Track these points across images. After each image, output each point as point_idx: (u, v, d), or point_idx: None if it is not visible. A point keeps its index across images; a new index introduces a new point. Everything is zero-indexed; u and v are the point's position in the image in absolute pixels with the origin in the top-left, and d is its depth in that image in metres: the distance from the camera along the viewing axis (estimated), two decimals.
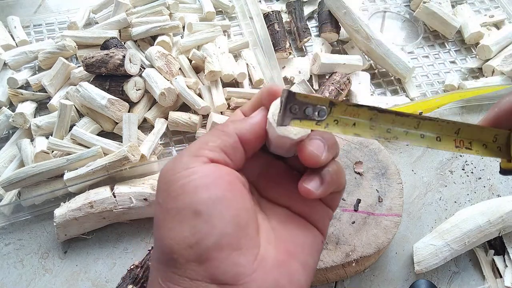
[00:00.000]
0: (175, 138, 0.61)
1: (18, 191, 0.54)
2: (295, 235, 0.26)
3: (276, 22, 0.70)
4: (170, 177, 0.24)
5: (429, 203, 0.56)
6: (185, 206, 0.22)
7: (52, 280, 0.50)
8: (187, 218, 0.22)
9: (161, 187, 0.24)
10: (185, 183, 0.23)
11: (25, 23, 0.73)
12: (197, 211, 0.22)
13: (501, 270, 0.50)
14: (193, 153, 0.24)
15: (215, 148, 0.25)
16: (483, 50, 0.68)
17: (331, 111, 0.25)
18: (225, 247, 0.22)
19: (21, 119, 0.58)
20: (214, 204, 0.22)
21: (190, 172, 0.23)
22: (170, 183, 0.23)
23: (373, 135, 0.25)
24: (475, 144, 0.28)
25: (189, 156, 0.24)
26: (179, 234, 0.22)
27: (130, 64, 0.58)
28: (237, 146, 0.26)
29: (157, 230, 0.24)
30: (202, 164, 0.24)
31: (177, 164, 0.24)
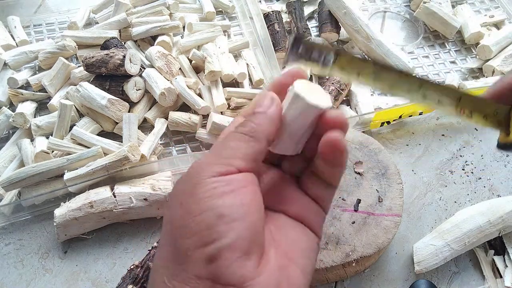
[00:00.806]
0: (175, 138, 0.61)
1: (18, 191, 0.54)
2: (292, 239, 0.26)
3: (276, 22, 0.70)
4: (197, 182, 0.24)
5: (429, 203, 0.56)
6: (209, 208, 0.23)
7: (52, 280, 0.50)
8: (208, 220, 0.23)
9: (186, 189, 0.25)
10: (211, 188, 0.24)
11: (25, 23, 0.73)
12: (221, 215, 0.23)
13: (501, 270, 0.50)
14: (224, 161, 0.25)
15: (248, 157, 0.25)
16: (483, 50, 0.68)
17: (337, 59, 0.25)
18: (237, 249, 0.23)
19: (21, 119, 0.58)
20: (238, 209, 0.23)
21: (217, 180, 0.24)
22: (197, 186, 0.24)
23: (376, 87, 0.26)
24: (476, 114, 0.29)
25: (219, 164, 0.25)
26: (197, 233, 0.23)
27: (130, 64, 0.58)
28: (265, 149, 0.26)
29: (172, 229, 0.24)
30: (230, 173, 0.24)
31: (206, 170, 0.24)
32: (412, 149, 0.61)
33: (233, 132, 0.26)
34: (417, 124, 0.64)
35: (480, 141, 0.62)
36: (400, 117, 0.61)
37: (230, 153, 0.25)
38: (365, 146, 0.52)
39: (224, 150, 0.26)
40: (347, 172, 0.50)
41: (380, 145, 0.53)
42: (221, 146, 0.26)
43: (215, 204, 0.23)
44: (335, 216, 0.47)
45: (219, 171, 0.24)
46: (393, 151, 0.61)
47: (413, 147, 0.61)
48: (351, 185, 0.49)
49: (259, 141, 0.26)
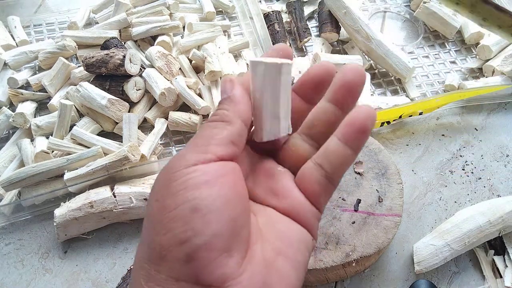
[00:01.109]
0: (175, 138, 0.61)
1: (18, 191, 0.54)
2: (283, 232, 0.25)
3: (276, 22, 0.70)
4: (171, 175, 0.22)
5: (429, 203, 0.56)
6: (184, 201, 0.21)
7: (52, 280, 0.50)
8: (183, 214, 0.21)
9: (160, 184, 0.23)
10: (186, 179, 0.22)
11: (25, 23, 0.73)
12: (195, 208, 0.21)
13: (501, 270, 0.50)
14: (198, 149, 0.23)
15: (223, 141, 0.24)
16: (483, 50, 0.68)
17: None
18: (216, 248, 0.21)
19: (21, 119, 0.58)
20: (215, 201, 0.21)
21: (193, 170, 0.22)
22: (171, 180, 0.22)
23: (470, 18, 0.26)
24: None
25: (193, 153, 0.23)
26: (172, 230, 0.21)
27: (130, 64, 0.58)
28: (243, 131, 0.25)
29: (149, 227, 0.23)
30: (207, 161, 0.23)
31: (180, 162, 0.23)
32: (412, 149, 0.61)
33: (206, 123, 0.25)
34: (417, 124, 0.64)
35: (480, 141, 0.62)
36: (400, 117, 0.61)
37: (204, 140, 0.24)
38: (365, 146, 0.52)
39: (198, 139, 0.24)
40: (347, 172, 0.50)
41: (380, 145, 0.53)
42: (195, 138, 0.25)
43: (190, 196, 0.21)
44: (335, 216, 0.47)
45: (195, 160, 0.23)
46: (393, 151, 0.61)
47: (413, 147, 0.61)
48: (351, 185, 0.49)
49: (232, 123, 0.24)
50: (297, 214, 0.25)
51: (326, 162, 0.25)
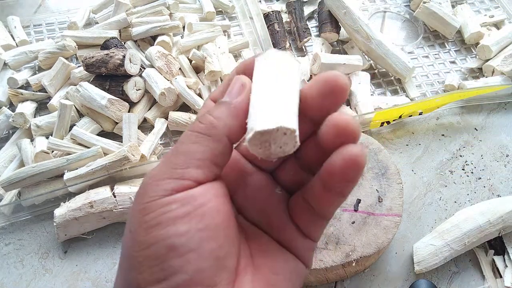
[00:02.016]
0: (175, 138, 0.61)
1: (18, 191, 0.54)
2: (275, 262, 0.22)
3: (276, 22, 0.70)
4: (145, 205, 0.20)
5: (429, 203, 0.56)
6: (158, 240, 0.19)
7: (52, 280, 0.50)
8: (159, 253, 0.19)
9: (133, 213, 0.20)
10: (160, 213, 0.19)
11: (25, 23, 0.73)
12: (172, 246, 0.19)
13: (501, 270, 0.50)
14: (177, 173, 0.20)
15: (204, 163, 0.21)
16: (483, 50, 0.68)
17: None
18: (198, 283, 0.19)
19: (21, 119, 0.58)
20: (193, 237, 0.19)
21: (167, 202, 0.20)
22: (143, 211, 0.20)
23: None
24: None
25: (169, 179, 0.20)
26: (148, 268, 0.19)
27: (130, 64, 0.58)
28: (228, 150, 0.22)
29: (124, 258, 0.21)
30: (185, 188, 0.20)
31: (155, 188, 0.20)
32: (412, 149, 0.61)
33: (188, 132, 0.21)
34: (417, 124, 0.64)
35: (480, 141, 0.62)
36: (400, 117, 0.61)
37: (183, 160, 0.20)
38: (365, 146, 0.52)
39: (175, 157, 0.21)
40: None
41: (380, 145, 0.53)
42: (172, 152, 0.21)
43: (165, 234, 0.19)
44: (335, 216, 0.47)
45: (171, 188, 0.20)
46: (393, 151, 0.61)
47: (413, 147, 0.61)
48: None
49: (218, 141, 0.21)
50: (291, 247, 0.23)
51: (313, 202, 0.22)
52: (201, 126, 0.21)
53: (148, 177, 0.21)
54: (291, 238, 0.23)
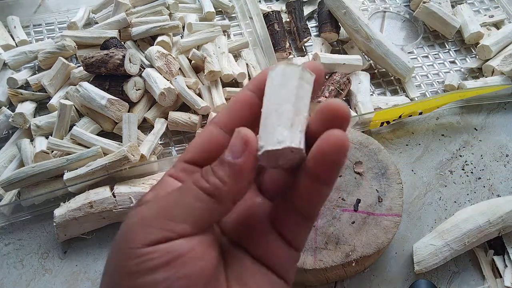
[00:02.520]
0: (175, 138, 0.61)
1: (18, 191, 0.54)
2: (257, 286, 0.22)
3: (276, 22, 0.70)
4: (126, 250, 0.20)
5: (429, 203, 0.56)
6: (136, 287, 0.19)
7: (52, 280, 0.50)
8: None
9: (116, 255, 0.20)
10: (141, 262, 0.19)
11: (25, 23, 0.73)
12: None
13: (501, 270, 0.50)
14: (169, 225, 0.20)
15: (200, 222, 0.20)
16: (483, 50, 0.68)
17: None
18: None
19: (21, 119, 0.58)
20: (171, 285, 0.19)
21: (151, 250, 0.19)
22: (124, 257, 0.20)
23: None
24: None
25: (157, 229, 0.20)
26: None
27: (130, 64, 0.58)
28: (229, 210, 0.21)
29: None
30: (170, 239, 0.20)
31: (139, 236, 0.20)
32: (412, 149, 0.61)
33: (192, 186, 0.21)
34: (417, 124, 0.64)
35: (480, 141, 0.62)
36: (400, 117, 0.61)
37: (181, 214, 0.20)
38: (365, 146, 0.52)
39: (174, 208, 0.20)
40: (347, 172, 0.50)
41: (380, 145, 0.53)
42: (172, 200, 0.21)
43: (144, 281, 0.19)
44: (335, 216, 0.47)
45: (158, 239, 0.19)
46: (393, 151, 0.61)
47: (413, 147, 0.61)
48: (351, 185, 0.49)
49: (221, 203, 0.20)
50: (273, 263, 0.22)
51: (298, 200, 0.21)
52: (206, 186, 0.21)
53: (137, 217, 0.20)
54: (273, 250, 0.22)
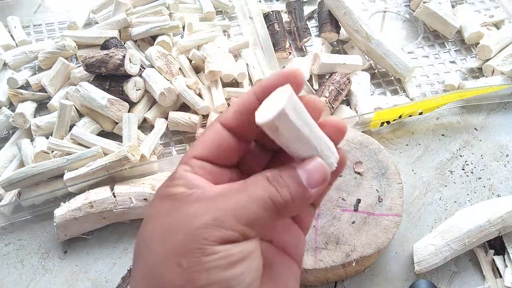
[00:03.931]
0: (175, 138, 0.61)
1: (18, 191, 0.54)
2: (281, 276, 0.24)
3: (276, 22, 0.70)
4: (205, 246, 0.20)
5: (429, 203, 0.56)
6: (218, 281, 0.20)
7: (52, 280, 0.50)
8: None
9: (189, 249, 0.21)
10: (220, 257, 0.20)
11: (25, 23, 0.73)
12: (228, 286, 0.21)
13: (501, 270, 0.50)
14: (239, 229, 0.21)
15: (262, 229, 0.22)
16: (483, 50, 0.68)
17: None
18: None
19: (21, 119, 0.58)
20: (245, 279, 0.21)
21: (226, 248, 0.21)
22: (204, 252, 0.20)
23: None
24: None
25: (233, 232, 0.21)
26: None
27: (130, 64, 0.58)
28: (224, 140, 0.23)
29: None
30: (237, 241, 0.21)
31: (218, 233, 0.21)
32: (412, 149, 0.61)
33: (266, 196, 0.21)
34: (417, 124, 0.64)
35: (480, 141, 0.62)
36: (400, 117, 0.61)
37: (249, 221, 0.21)
38: (365, 146, 0.52)
39: (244, 210, 0.21)
40: (347, 172, 0.50)
41: (380, 145, 0.53)
42: (241, 202, 0.21)
43: (223, 276, 0.20)
44: (335, 216, 0.47)
45: (226, 238, 0.21)
46: (393, 151, 0.61)
47: (413, 147, 0.61)
48: (351, 185, 0.49)
49: (282, 217, 0.22)
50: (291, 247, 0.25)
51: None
52: (279, 200, 0.21)
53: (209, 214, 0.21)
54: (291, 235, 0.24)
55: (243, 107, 0.23)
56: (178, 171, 0.24)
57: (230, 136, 0.24)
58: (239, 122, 0.24)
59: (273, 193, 0.21)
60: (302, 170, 0.22)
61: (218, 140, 0.24)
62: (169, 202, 0.22)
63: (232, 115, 0.24)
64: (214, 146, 0.24)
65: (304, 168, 0.22)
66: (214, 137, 0.24)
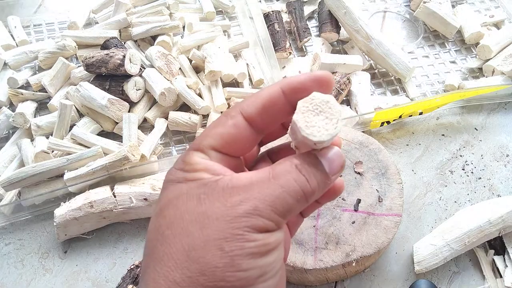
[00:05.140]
0: (175, 138, 0.61)
1: (18, 191, 0.54)
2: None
3: (276, 22, 0.70)
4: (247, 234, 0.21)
5: (429, 203, 0.56)
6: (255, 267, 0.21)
7: (52, 280, 0.50)
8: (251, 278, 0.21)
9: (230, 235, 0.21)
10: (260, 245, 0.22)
11: (25, 23, 0.73)
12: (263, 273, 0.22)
13: (501, 270, 0.50)
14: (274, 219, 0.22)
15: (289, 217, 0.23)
16: (483, 50, 0.68)
17: None
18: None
19: (21, 119, 0.58)
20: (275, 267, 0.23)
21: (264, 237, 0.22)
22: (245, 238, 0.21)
23: None
24: None
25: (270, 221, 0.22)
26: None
27: (130, 64, 0.58)
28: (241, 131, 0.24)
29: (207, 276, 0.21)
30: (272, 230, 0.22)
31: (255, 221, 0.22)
32: (412, 149, 0.61)
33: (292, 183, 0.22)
34: (417, 124, 0.64)
35: (480, 141, 0.62)
36: (400, 117, 0.61)
37: (282, 210, 0.22)
38: (365, 146, 0.52)
39: (278, 200, 0.22)
40: (347, 172, 0.50)
41: (380, 145, 0.53)
42: (275, 191, 0.22)
43: (261, 262, 0.21)
44: (335, 216, 0.47)
45: (265, 227, 0.22)
46: (393, 151, 0.61)
47: (413, 147, 0.61)
48: (351, 185, 0.49)
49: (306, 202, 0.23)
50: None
51: None
52: (308, 189, 0.22)
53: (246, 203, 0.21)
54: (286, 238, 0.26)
55: (269, 104, 0.24)
56: (193, 158, 0.23)
57: (251, 130, 0.24)
58: (264, 118, 0.24)
59: (303, 183, 0.22)
60: (324, 159, 0.23)
61: (239, 135, 0.24)
62: (195, 186, 0.23)
63: (258, 111, 0.24)
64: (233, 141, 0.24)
65: (325, 156, 0.23)
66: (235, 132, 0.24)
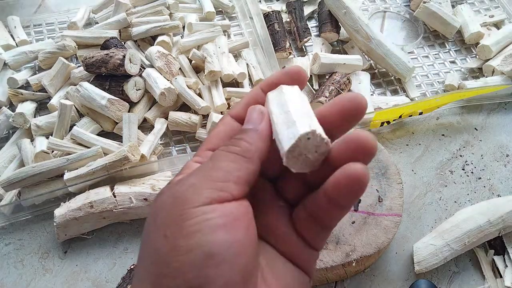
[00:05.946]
0: (175, 138, 0.61)
1: (18, 191, 0.54)
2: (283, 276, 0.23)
3: (276, 22, 0.70)
4: (185, 210, 0.21)
5: (429, 203, 0.56)
6: (198, 246, 0.20)
7: (52, 280, 0.50)
8: (196, 260, 0.20)
9: (170, 217, 0.21)
10: (202, 220, 0.20)
11: (25, 23, 0.73)
12: (210, 254, 0.20)
13: (501, 270, 0.50)
14: (217, 185, 0.21)
15: (240, 180, 0.22)
16: (483, 50, 0.68)
17: None
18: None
19: (21, 119, 0.58)
20: (229, 248, 0.20)
21: (210, 209, 0.20)
22: (184, 217, 0.20)
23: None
24: None
25: (209, 189, 0.21)
26: (182, 275, 0.20)
27: (130, 64, 0.58)
28: (258, 170, 0.23)
29: (153, 264, 0.21)
30: (223, 201, 0.21)
31: (196, 196, 0.21)
32: (412, 149, 0.61)
33: (224, 152, 0.23)
34: (417, 124, 0.64)
35: (480, 141, 0.62)
36: (400, 117, 0.61)
37: (222, 175, 0.22)
38: None
39: (215, 171, 0.22)
40: None
41: (380, 145, 0.53)
42: (210, 167, 0.22)
43: (205, 240, 0.20)
44: None
45: (211, 197, 0.21)
46: (393, 151, 0.61)
47: (413, 147, 0.61)
48: None
49: (252, 162, 0.23)
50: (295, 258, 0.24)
51: (317, 215, 0.23)
52: (237, 149, 0.23)
53: (185, 185, 0.22)
54: (295, 249, 0.24)
55: (252, 100, 0.26)
56: (188, 163, 0.25)
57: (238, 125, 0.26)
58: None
59: (232, 148, 0.23)
60: (246, 123, 0.24)
61: (230, 131, 0.25)
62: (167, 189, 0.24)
63: (242, 108, 0.26)
64: (226, 137, 0.25)
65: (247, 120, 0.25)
66: (225, 128, 0.26)
